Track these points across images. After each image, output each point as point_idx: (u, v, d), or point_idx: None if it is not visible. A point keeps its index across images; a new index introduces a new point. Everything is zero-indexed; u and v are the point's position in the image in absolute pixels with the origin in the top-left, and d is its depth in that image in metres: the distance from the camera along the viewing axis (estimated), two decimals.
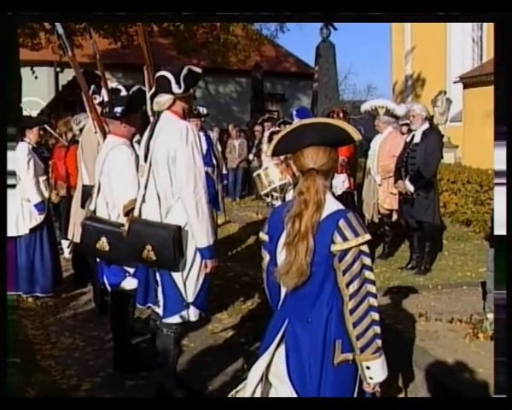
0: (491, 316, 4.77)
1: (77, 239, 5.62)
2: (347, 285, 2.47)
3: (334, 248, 2.47)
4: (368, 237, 2.50)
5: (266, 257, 2.69)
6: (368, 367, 2.54)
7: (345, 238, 2.46)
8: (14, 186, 6.31)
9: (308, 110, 8.57)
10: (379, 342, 2.53)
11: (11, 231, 6.35)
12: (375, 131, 8.31)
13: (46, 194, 6.69)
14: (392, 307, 5.52)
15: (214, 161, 7.57)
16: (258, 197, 11.14)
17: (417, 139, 7.19)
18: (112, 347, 4.89)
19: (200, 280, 3.94)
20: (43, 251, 6.64)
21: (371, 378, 2.56)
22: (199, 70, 4.04)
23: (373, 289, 2.52)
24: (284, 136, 2.61)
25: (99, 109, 5.48)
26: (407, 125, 8.77)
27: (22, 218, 6.50)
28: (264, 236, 2.71)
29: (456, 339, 4.78)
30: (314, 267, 2.50)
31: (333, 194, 2.67)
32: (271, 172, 6.50)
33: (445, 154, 9.74)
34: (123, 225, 4.21)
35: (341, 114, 7.45)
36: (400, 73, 24.46)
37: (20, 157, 6.39)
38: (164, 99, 3.90)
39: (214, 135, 14.85)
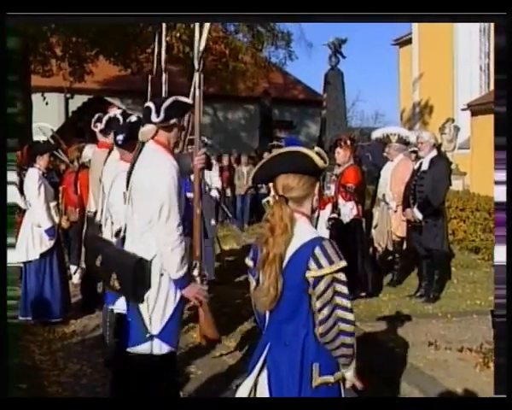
0: None
1: None
2: (319, 311, 2.54)
3: (308, 274, 2.54)
4: (343, 263, 2.56)
5: (253, 282, 2.73)
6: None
7: (320, 266, 2.53)
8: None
9: (296, 139, 8.73)
10: (346, 360, 2.61)
11: (21, 257, 6.39)
12: (383, 159, 8.30)
13: (56, 219, 6.73)
14: (402, 335, 5.48)
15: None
16: None
17: (425, 167, 7.20)
18: None
19: (167, 312, 3.75)
20: (52, 277, 6.65)
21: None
22: (188, 101, 4.00)
23: (346, 315, 2.56)
24: (262, 166, 2.72)
25: (101, 137, 5.72)
26: (415, 152, 8.78)
27: (32, 243, 6.52)
28: (249, 261, 2.77)
29: (466, 368, 4.75)
30: (288, 292, 2.57)
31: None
32: None
33: (453, 181, 9.76)
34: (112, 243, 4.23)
35: (348, 142, 7.43)
36: (408, 100, 24.56)
37: (30, 183, 6.45)
38: (147, 129, 3.87)
39: (223, 162, 14.94)
